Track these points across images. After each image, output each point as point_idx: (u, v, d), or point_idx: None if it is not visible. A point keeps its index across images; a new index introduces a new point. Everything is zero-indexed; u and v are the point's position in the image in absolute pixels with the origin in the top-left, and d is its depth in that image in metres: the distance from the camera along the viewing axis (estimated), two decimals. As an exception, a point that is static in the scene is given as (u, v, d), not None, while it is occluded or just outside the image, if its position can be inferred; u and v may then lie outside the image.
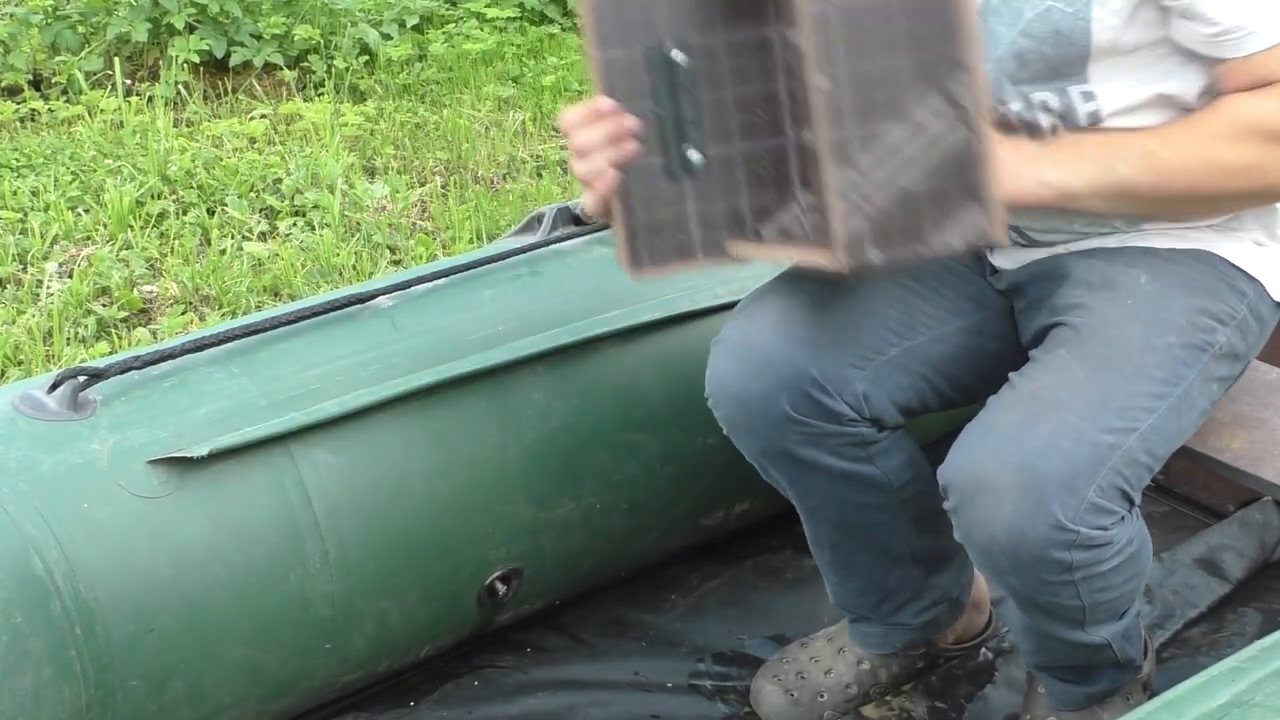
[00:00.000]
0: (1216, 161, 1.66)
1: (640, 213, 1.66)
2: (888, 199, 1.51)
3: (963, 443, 1.68)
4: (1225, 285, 1.80)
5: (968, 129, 1.49)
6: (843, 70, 1.49)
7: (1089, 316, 1.74)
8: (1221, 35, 1.65)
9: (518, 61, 5.36)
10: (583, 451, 2.13)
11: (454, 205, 4.22)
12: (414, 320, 2.10)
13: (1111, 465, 1.62)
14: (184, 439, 1.87)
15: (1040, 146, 1.69)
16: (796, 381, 1.78)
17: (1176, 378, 1.71)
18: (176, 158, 4.42)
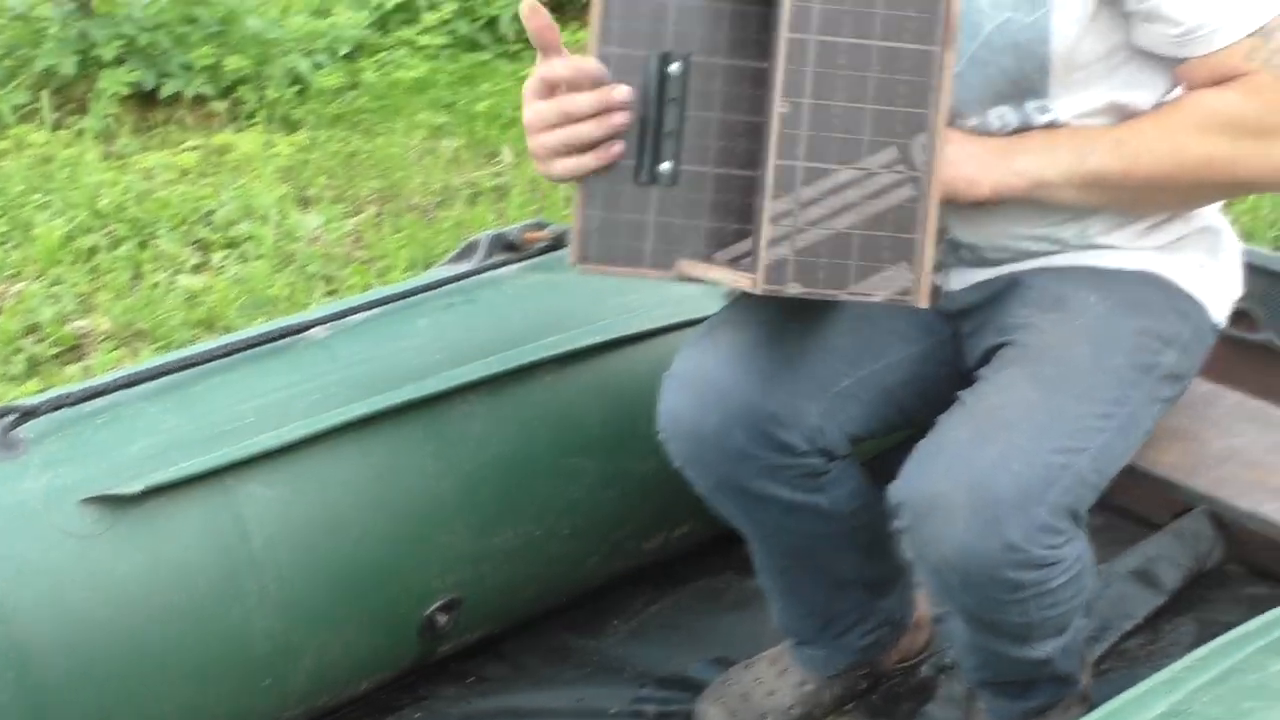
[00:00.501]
0: (1184, 152, 1.69)
1: (600, 209, 1.66)
2: (819, 236, 1.53)
3: (915, 461, 1.68)
4: (1170, 307, 1.82)
5: (915, 189, 1.50)
6: (806, 101, 1.51)
7: (1038, 336, 1.75)
8: (1186, 35, 1.67)
9: (450, 89, 5.35)
10: (522, 479, 2.12)
11: (388, 234, 4.21)
12: (350, 350, 2.09)
13: (1062, 485, 1.64)
14: (118, 476, 1.86)
15: (1009, 139, 1.72)
16: (751, 416, 1.78)
17: (1124, 398, 1.72)
18: (107, 191, 4.38)
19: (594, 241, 1.67)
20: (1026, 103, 1.74)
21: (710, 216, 1.69)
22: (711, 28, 1.66)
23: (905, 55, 1.50)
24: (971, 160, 1.68)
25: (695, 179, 1.68)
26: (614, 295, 2.25)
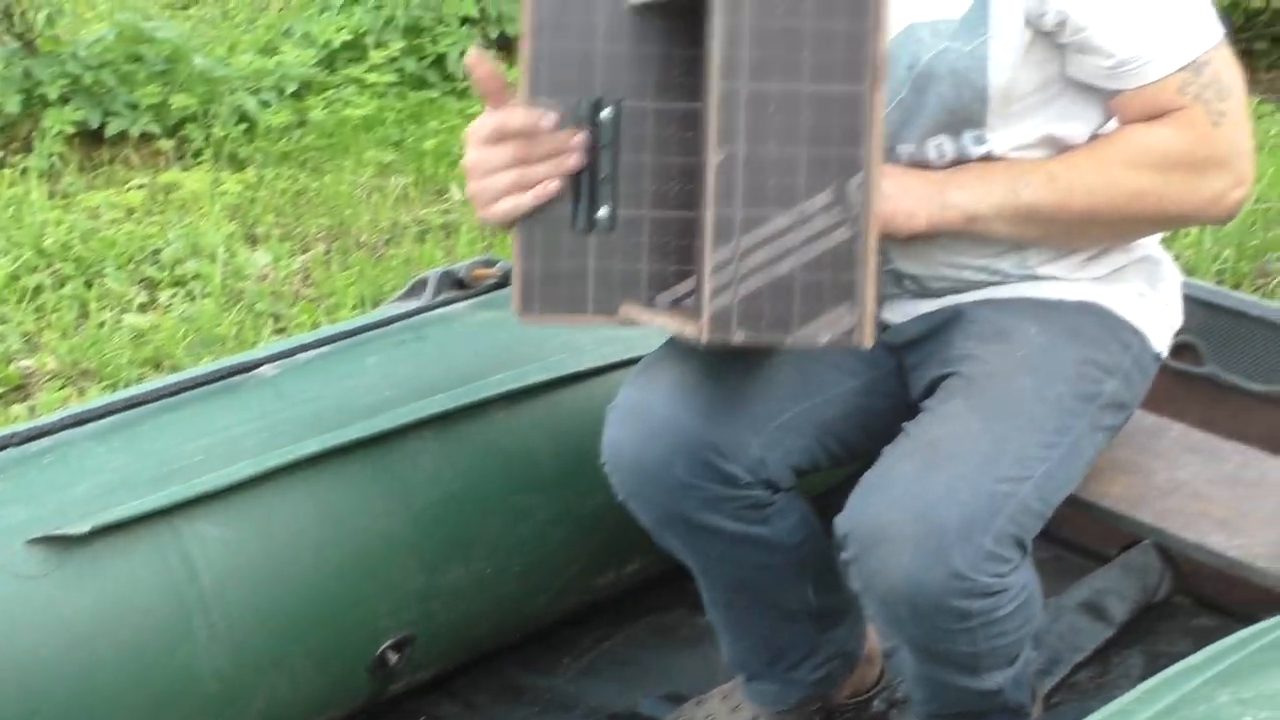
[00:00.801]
0: (1116, 184, 1.71)
1: (540, 259, 1.66)
2: (760, 283, 1.53)
3: (860, 493, 1.69)
4: (1111, 336, 1.84)
5: (852, 230, 1.52)
6: (739, 149, 1.52)
7: (981, 367, 1.77)
8: (1118, 67, 1.70)
9: (398, 126, 5.35)
10: (473, 516, 2.12)
11: (337, 272, 4.20)
12: (299, 388, 2.08)
13: (1007, 514, 1.65)
14: (65, 516, 1.84)
15: (945, 173, 1.73)
16: (693, 447, 1.79)
17: (1067, 427, 1.74)
18: (52, 230, 4.35)
19: (536, 291, 1.68)
20: (964, 133, 1.77)
21: (650, 259, 1.70)
22: (639, 72, 1.67)
23: (835, 98, 1.50)
24: (907, 194, 1.70)
25: (633, 223, 1.69)
26: (563, 333, 2.25)
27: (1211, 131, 1.70)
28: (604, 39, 1.63)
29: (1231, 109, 1.71)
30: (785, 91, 1.51)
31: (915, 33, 1.72)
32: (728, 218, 1.52)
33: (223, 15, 7.04)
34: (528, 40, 1.64)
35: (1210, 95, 1.70)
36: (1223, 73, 1.71)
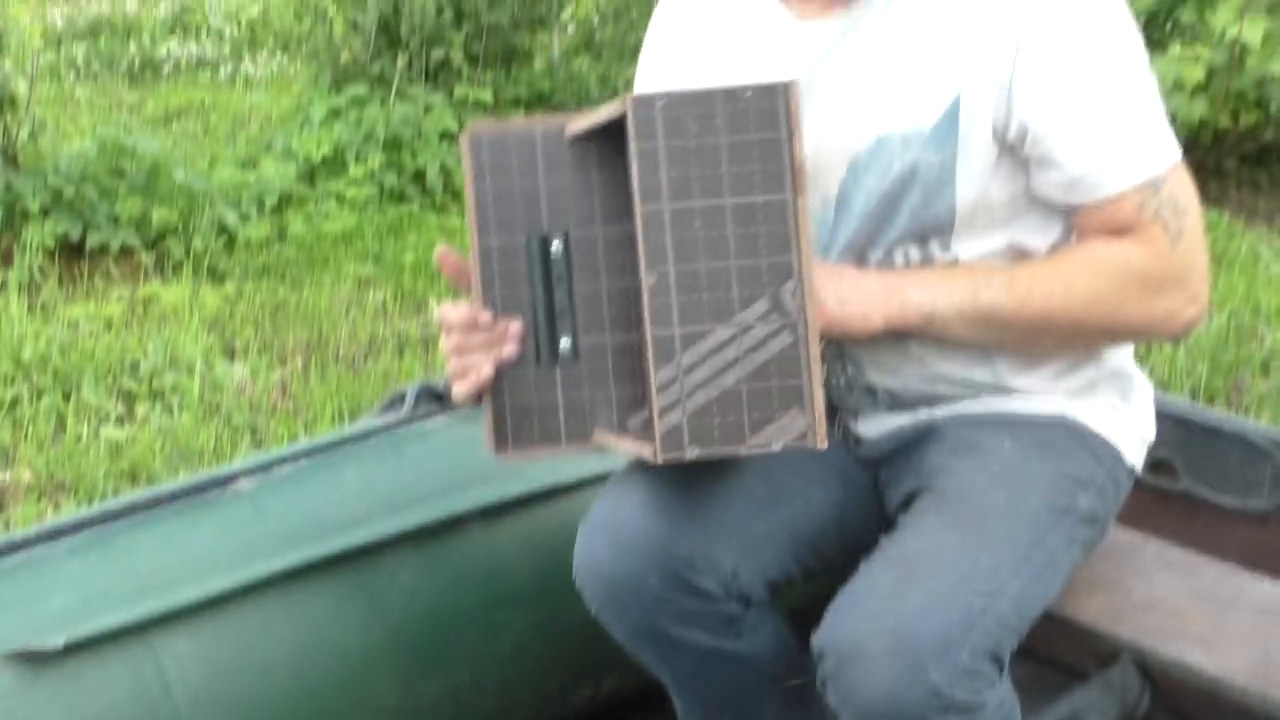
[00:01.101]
0: (1074, 292, 1.74)
1: (508, 396, 1.68)
2: (708, 397, 1.55)
3: (837, 608, 1.69)
4: (1084, 450, 1.86)
5: (793, 335, 1.53)
6: (670, 269, 1.54)
7: (955, 481, 1.78)
8: (1076, 182, 1.73)
9: (377, 240, 5.39)
10: (450, 631, 2.11)
11: (315, 385, 4.20)
12: (276, 502, 2.08)
13: (983, 628, 1.65)
14: (39, 630, 1.83)
15: (905, 272, 1.76)
16: (665, 561, 1.79)
17: (1041, 540, 1.75)
18: (31, 343, 4.36)
19: (508, 429, 1.69)
20: (930, 241, 1.79)
21: (616, 384, 1.71)
22: (584, 200, 1.69)
23: (759, 208, 1.53)
24: (864, 296, 1.72)
25: (595, 350, 1.71)
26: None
27: (1168, 249, 1.73)
28: (545, 173, 1.65)
29: (1188, 228, 1.74)
30: (708, 207, 1.53)
31: (886, 143, 1.75)
32: (667, 338, 1.54)
33: (204, 130, 7.11)
34: (470, 184, 1.66)
35: (1167, 214, 1.73)
36: (1179, 192, 1.74)
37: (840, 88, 1.79)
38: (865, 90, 1.78)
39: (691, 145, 1.53)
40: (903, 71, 1.76)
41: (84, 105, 7.62)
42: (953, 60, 1.73)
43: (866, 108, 1.77)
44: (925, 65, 1.75)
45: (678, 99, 1.54)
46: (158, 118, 7.43)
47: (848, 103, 1.78)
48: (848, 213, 1.81)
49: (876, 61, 1.77)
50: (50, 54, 8.53)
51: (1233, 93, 5.50)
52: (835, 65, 1.80)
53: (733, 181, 1.53)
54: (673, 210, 1.53)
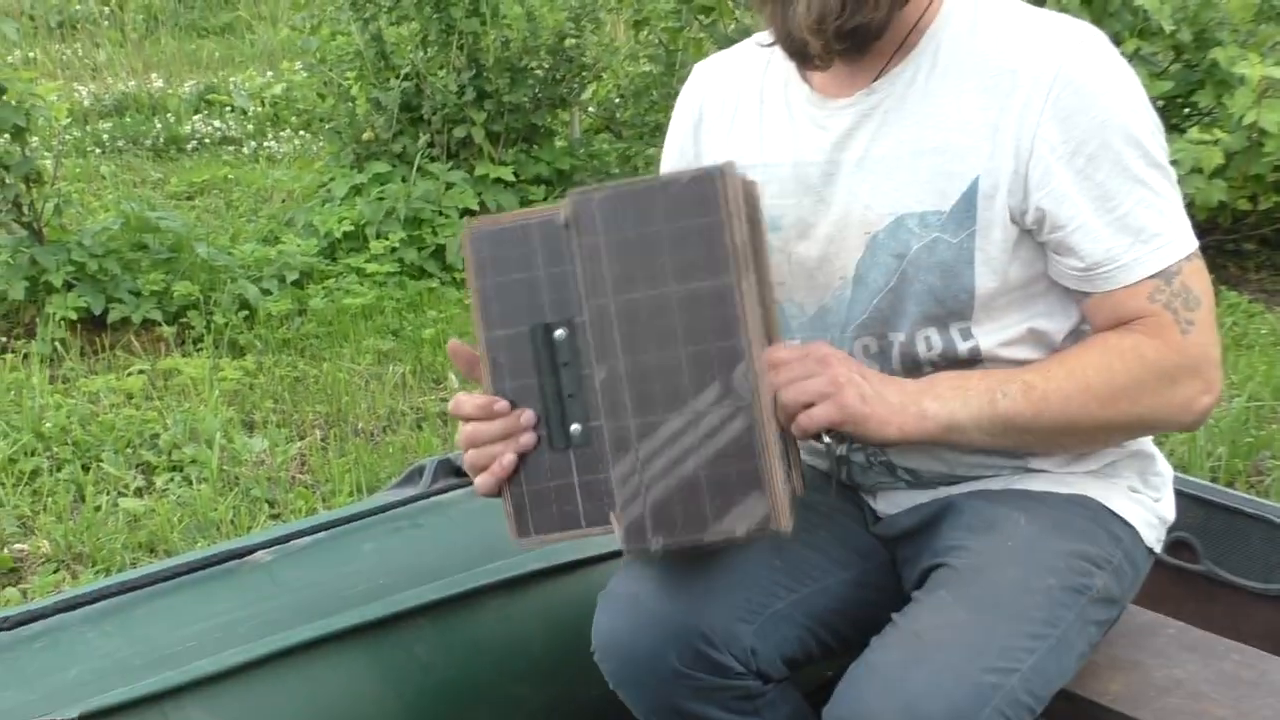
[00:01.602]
0: (1090, 392, 1.73)
1: (527, 484, 1.67)
2: (668, 487, 1.55)
3: (847, 683, 1.68)
4: (1102, 530, 1.85)
5: (747, 418, 1.53)
6: (619, 363, 1.54)
7: (970, 558, 1.77)
8: (1091, 270, 1.74)
9: (397, 315, 5.41)
10: (466, 706, 2.10)
11: (334, 458, 4.21)
12: (293, 575, 2.08)
13: (994, 705, 1.63)
14: (54, 701, 1.82)
15: (922, 382, 1.74)
16: (684, 636, 1.78)
17: (1055, 619, 1.74)
18: (51, 414, 4.38)
19: (528, 516, 1.68)
20: (951, 326, 1.79)
21: None
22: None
23: (704, 294, 1.52)
24: (881, 403, 1.70)
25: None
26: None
27: (1180, 339, 1.74)
28: (545, 262, 1.65)
29: (1200, 318, 1.74)
30: (654, 297, 1.53)
31: (904, 223, 1.77)
32: (622, 430, 1.55)
33: (226, 205, 7.16)
34: (472, 280, 1.66)
35: (1179, 304, 1.73)
36: (1192, 282, 1.74)
37: (860, 167, 1.81)
38: (885, 170, 1.79)
39: (632, 237, 1.53)
40: (922, 153, 1.77)
41: (109, 181, 7.69)
42: (971, 143, 1.75)
43: (886, 188, 1.79)
44: (944, 148, 1.76)
45: (615, 193, 1.55)
46: (181, 193, 7.50)
47: (867, 182, 1.80)
48: (865, 290, 1.82)
49: (896, 142, 1.79)
50: (76, 130, 8.62)
51: (1251, 176, 5.52)
52: (856, 144, 1.81)
53: (676, 270, 1.52)
54: (618, 303, 1.54)
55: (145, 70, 10.74)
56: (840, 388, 1.65)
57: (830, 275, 1.84)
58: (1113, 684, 1.97)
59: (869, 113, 1.81)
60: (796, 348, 1.68)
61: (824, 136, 1.84)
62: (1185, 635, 2.11)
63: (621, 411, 1.56)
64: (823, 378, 1.65)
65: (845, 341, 1.84)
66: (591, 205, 1.55)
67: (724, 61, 2.01)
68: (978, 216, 1.75)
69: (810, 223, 1.85)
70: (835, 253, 1.83)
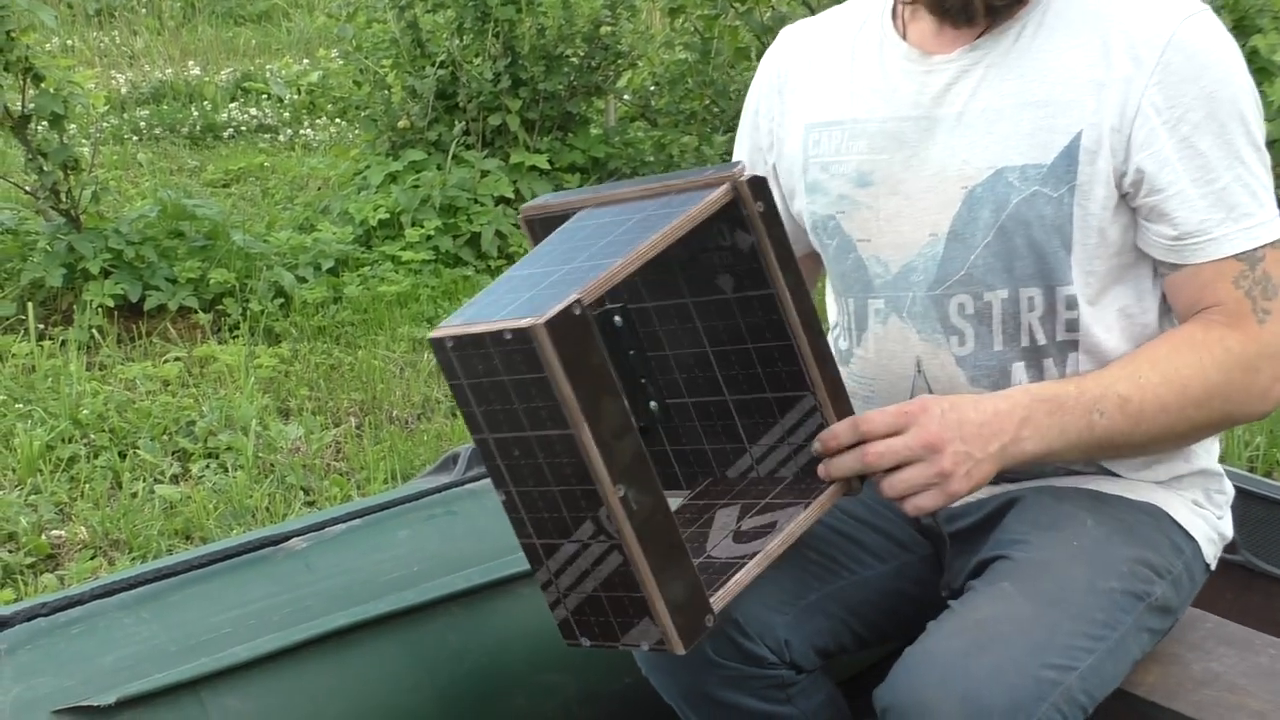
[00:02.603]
0: (1186, 394, 1.73)
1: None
2: (579, 599, 1.56)
3: (904, 667, 1.67)
4: (1166, 540, 1.84)
5: (621, 554, 1.51)
6: (511, 489, 1.55)
7: (1034, 553, 1.76)
8: (1182, 239, 1.73)
9: (432, 303, 5.42)
10: (499, 694, 2.10)
11: (369, 446, 4.22)
12: (328, 562, 2.08)
13: (1051, 701, 1.63)
14: (91, 687, 1.83)
15: (1019, 411, 1.69)
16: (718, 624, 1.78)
17: (1115, 621, 1.73)
18: (88, 401, 4.40)
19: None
20: (1056, 290, 1.79)
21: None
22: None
23: (555, 440, 1.49)
24: (986, 464, 1.67)
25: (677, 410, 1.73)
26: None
27: (1257, 329, 1.73)
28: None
29: (1275, 307, 1.74)
30: (519, 438, 1.51)
31: (1003, 176, 1.76)
32: (530, 546, 1.57)
33: (262, 193, 7.18)
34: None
35: (1258, 293, 1.73)
36: (1273, 270, 1.74)
37: (960, 121, 1.80)
38: (985, 124, 1.79)
39: (486, 383, 1.51)
40: (1024, 107, 1.77)
41: (146, 168, 7.72)
42: (1075, 98, 1.75)
43: (985, 141, 1.78)
44: (1047, 102, 1.76)
45: (461, 339, 1.51)
46: (217, 181, 7.52)
47: (966, 136, 1.79)
48: (961, 246, 1.80)
49: (997, 97, 1.79)
50: (114, 118, 8.65)
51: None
52: (956, 99, 1.81)
53: (528, 416, 1.50)
54: (495, 439, 1.53)
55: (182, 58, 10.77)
56: (947, 477, 1.63)
57: (920, 231, 1.83)
58: (1149, 676, 1.96)
59: (969, 68, 1.81)
60: (894, 415, 1.64)
61: (922, 92, 1.83)
62: (1222, 629, 2.10)
63: (525, 531, 1.57)
64: (929, 467, 1.63)
65: (931, 300, 1.82)
66: (447, 352, 1.53)
67: (812, 25, 2.02)
68: (1079, 172, 1.74)
69: (901, 178, 1.84)
70: (927, 208, 1.82)
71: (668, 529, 1.51)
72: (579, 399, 1.44)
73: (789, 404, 1.66)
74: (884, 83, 1.87)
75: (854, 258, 1.88)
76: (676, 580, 1.51)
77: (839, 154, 1.89)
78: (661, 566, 1.50)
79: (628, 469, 1.48)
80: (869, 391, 1.91)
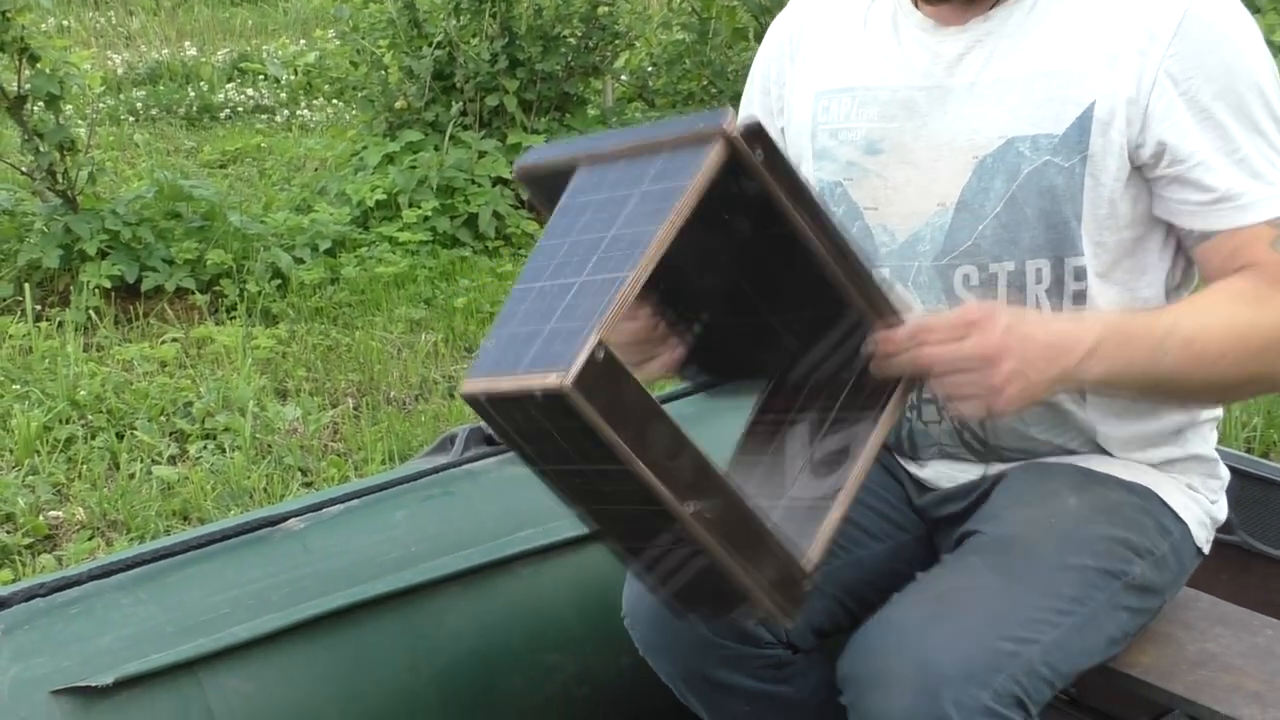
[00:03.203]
0: (1245, 343, 1.68)
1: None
2: (676, 588, 1.56)
3: (862, 636, 1.69)
4: (1152, 521, 1.84)
5: (707, 558, 1.50)
6: (583, 509, 1.54)
7: (1006, 528, 1.77)
8: (1216, 202, 1.72)
9: (429, 284, 5.41)
10: (496, 674, 2.10)
11: (366, 427, 4.22)
12: (325, 542, 2.08)
13: (1009, 673, 1.63)
14: (89, 668, 1.83)
15: (1089, 337, 1.63)
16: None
17: (1085, 598, 1.73)
18: (86, 382, 4.40)
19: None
20: (1065, 260, 1.77)
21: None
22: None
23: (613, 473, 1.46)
24: (1041, 386, 1.60)
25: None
26: (591, 490, 2.25)
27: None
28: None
29: None
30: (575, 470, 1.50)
31: (1014, 145, 1.76)
32: (615, 550, 1.58)
33: (259, 174, 7.17)
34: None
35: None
36: None
37: (971, 91, 1.80)
38: (997, 94, 1.78)
39: (530, 430, 1.48)
40: (1036, 76, 1.76)
41: (142, 149, 7.71)
42: (1089, 70, 1.74)
43: (996, 111, 1.78)
44: (1060, 72, 1.75)
45: (493, 397, 1.47)
46: (214, 162, 7.51)
47: (978, 106, 1.79)
48: (970, 216, 1.79)
49: (1010, 67, 1.78)
50: (110, 99, 8.64)
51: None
52: (968, 69, 1.80)
53: (579, 455, 1.47)
54: (552, 471, 1.52)
55: (178, 38, 10.75)
56: (997, 392, 1.57)
57: (928, 201, 1.82)
58: (1144, 656, 1.97)
59: (983, 38, 1.80)
60: (956, 320, 1.57)
61: (934, 61, 1.83)
62: (1218, 609, 2.10)
63: (605, 538, 1.57)
64: (981, 378, 1.56)
65: (936, 270, 1.82)
66: (482, 404, 1.49)
67: None
68: (1090, 142, 1.74)
69: (911, 147, 1.83)
70: (936, 177, 1.81)
71: (745, 521, 1.50)
72: (625, 438, 1.42)
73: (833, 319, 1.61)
74: (896, 51, 1.86)
75: (860, 225, 1.87)
76: (766, 565, 1.51)
77: (848, 120, 1.88)
78: (748, 558, 1.50)
79: (691, 484, 1.46)
80: None
